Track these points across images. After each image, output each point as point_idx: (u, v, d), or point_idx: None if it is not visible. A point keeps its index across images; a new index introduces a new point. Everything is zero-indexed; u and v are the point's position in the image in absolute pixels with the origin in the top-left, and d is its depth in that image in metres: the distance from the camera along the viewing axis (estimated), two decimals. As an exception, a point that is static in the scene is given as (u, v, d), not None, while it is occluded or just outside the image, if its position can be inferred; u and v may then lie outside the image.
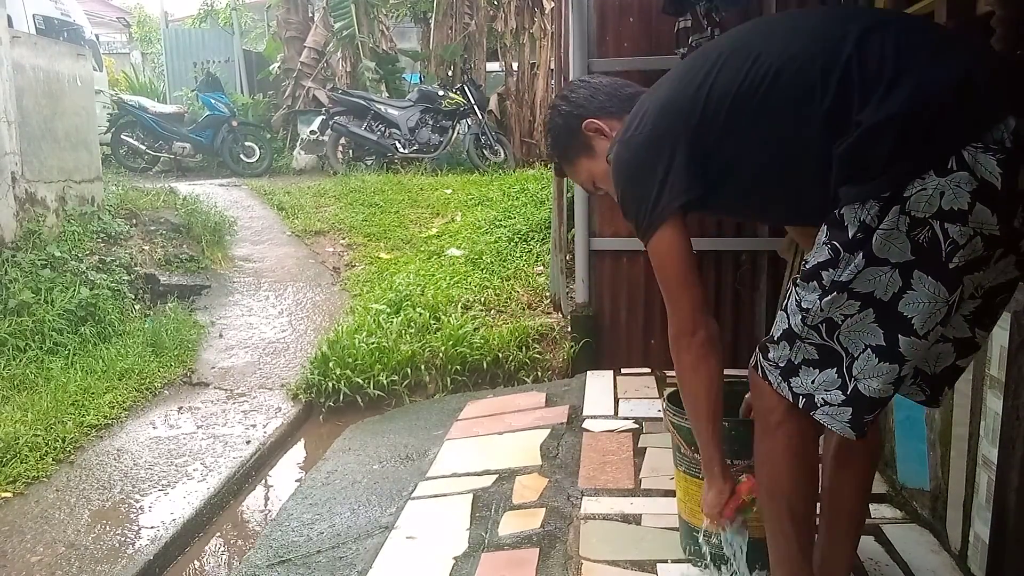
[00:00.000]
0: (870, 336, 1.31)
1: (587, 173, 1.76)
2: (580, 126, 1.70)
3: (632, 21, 3.90)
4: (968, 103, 1.22)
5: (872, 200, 1.25)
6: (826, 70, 1.32)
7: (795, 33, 1.44)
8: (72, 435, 3.27)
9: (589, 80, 1.80)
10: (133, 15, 18.33)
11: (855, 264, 1.28)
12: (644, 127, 1.52)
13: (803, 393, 1.38)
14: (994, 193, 1.20)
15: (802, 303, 1.36)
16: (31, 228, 4.78)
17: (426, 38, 11.11)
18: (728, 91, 1.41)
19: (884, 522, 2.30)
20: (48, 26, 9.14)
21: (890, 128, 1.23)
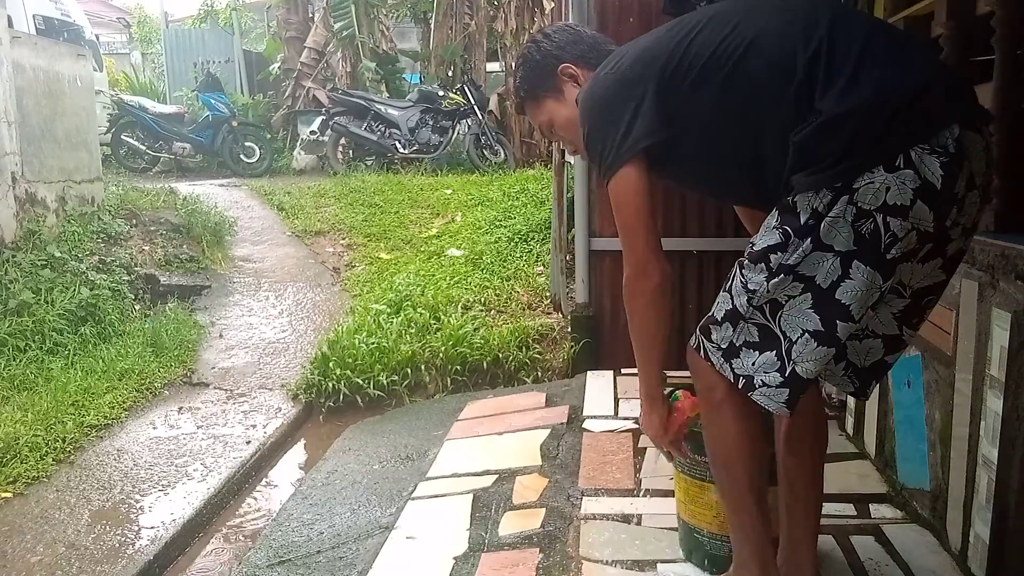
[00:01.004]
0: (807, 321, 1.38)
1: (549, 116, 1.75)
2: (556, 68, 1.70)
3: (632, 21, 3.90)
4: (921, 107, 1.29)
5: (825, 189, 1.32)
6: (799, 50, 1.36)
7: (776, 10, 1.47)
8: (72, 435, 3.27)
9: (574, 26, 1.80)
10: (133, 15, 18.33)
11: (803, 248, 1.35)
12: (619, 67, 1.55)
13: (743, 375, 1.45)
14: (934, 192, 1.29)
15: (748, 284, 1.42)
16: (31, 228, 4.78)
17: (426, 38, 11.11)
18: (704, 51, 1.45)
19: (884, 522, 2.30)
20: (48, 26, 9.14)
21: (847, 122, 1.30)
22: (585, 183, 3.99)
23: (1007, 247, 1.76)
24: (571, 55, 1.71)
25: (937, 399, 2.17)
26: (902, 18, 2.65)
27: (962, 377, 1.99)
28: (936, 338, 2.16)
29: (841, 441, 2.96)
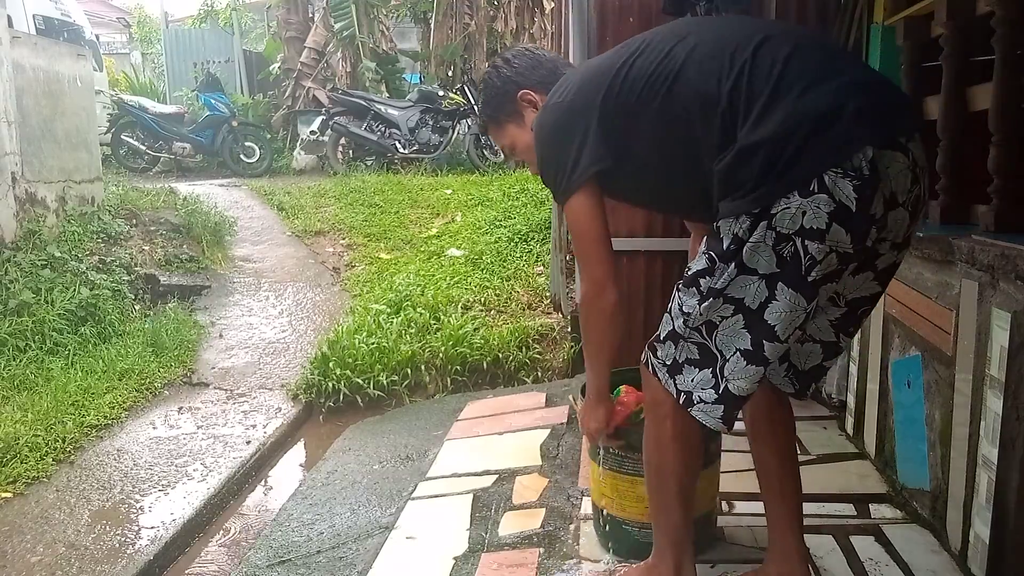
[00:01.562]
0: (740, 340, 1.44)
1: (511, 139, 1.81)
2: (516, 94, 1.75)
3: (632, 21, 3.90)
4: (832, 132, 1.31)
5: (744, 215, 1.36)
6: (721, 79, 1.39)
7: (709, 36, 1.50)
8: (72, 435, 3.26)
9: (534, 50, 1.83)
10: (133, 15, 18.32)
11: (728, 273, 1.41)
12: (566, 96, 1.60)
13: (684, 390, 1.52)
14: (849, 215, 1.32)
15: (684, 307, 1.48)
16: (31, 228, 4.78)
17: (426, 38, 11.12)
18: (639, 80, 1.49)
19: (884, 522, 2.30)
20: (48, 26, 9.14)
21: (759, 150, 1.33)
22: (585, 183, 3.98)
23: (1007, 247, 1.76)
24: (531, 81, 1.75)
25: (937, 399, 2.17)
26: (902, 18, 2.65)
27: (962, 377, 1.99)
28: (936, 338, 2.16)
29: (841, 441, 2.96)
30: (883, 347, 2.64)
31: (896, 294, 2.50)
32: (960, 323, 2.00)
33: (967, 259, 1.94)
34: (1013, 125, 2.00)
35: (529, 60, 1.78)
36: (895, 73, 2.79)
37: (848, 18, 3.19)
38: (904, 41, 2.66)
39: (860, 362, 2.89)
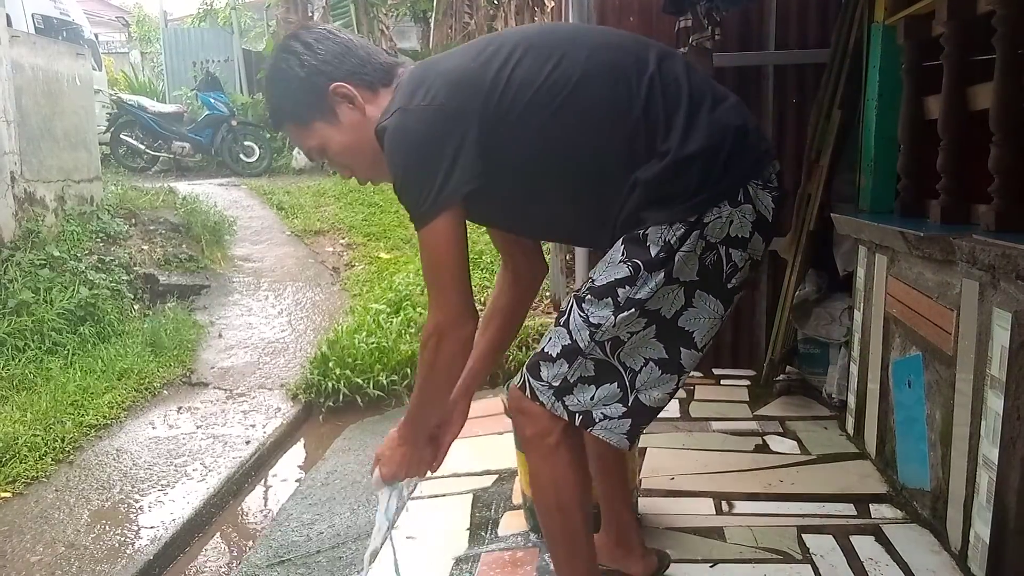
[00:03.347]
0: (651, 351, 1.40)
1: (320, 140, 1.49)
2: (326, 87, 1.43)
3: (632, 21, 3.90)
4: (748, 146, 1.38)
5: (679, 223, 1.34)
6: (632, 90, 1.36)
7: (602, 47, 1.42)
8: (71, 435, 3.26)
9: (338, 33, 1.49)
10: (132, 14, 18.31)
11: (655, 282, 1.35)
12: (434, 98, 1.36)
13: (579, 411, 1.41)
14: (766, 224, 1.39)
15: (591, 318, 1.38)
16: (30, 228, 4.77)
17: (426, 38, 11.11)
18: (528, 84, 1.36)
19: (884, 522, 2.30)
20: (47, 25, 9.13)
21: (695, 162, 1.33)
22: (585, 183, 3.98)
23: (1008, 247, 1.76)
24: (342, 71, 1.44)
25: (938, 399, 2.17)
26: (902, 17, 2.65)
27: (963, 377, 1.99)
28: (937, 338, 2.16)
29: (841, 441, 2.96)
30: (884, 347, 2.64)
31: (896, 294, 2.50)
32: (961, 323, 2.00)
33: (968, 259, 1.94)
34: (1013, 125, 2.00)
35: (336, 46, 1.46)
36: (895, 73, 2.79)
37: (848, 18, 3.19)
38: (904, 41, 2.66)
39: (860, 362, 2.89)
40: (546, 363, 1.43)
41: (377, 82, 1.46)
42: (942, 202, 2.40)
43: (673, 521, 2.34)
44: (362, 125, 1.45)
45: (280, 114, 1.51)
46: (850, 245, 3.09)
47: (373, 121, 1.43)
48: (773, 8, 3.75)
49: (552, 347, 1.43)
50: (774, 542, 2.20)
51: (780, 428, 3.11)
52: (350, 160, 1.51)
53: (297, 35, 1.48)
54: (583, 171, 1.39)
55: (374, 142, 1.42)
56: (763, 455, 2.85)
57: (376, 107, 1.44)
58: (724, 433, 3.07)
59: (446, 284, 1.38)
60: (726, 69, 3.74)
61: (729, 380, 3.78)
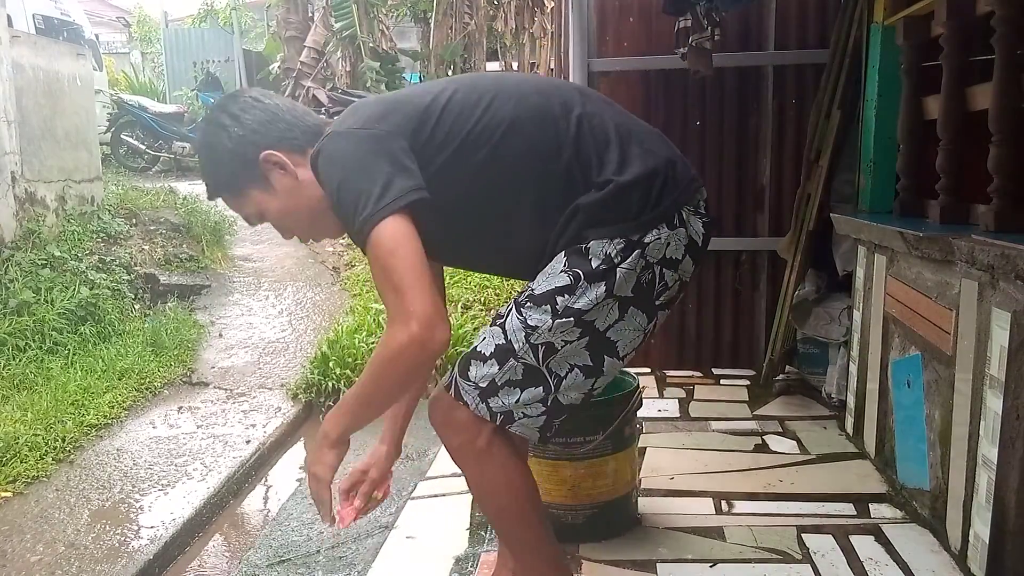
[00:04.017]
0: (578, 358, 1.43)
1: (257, 207, 1.50)
2: (256, 156, 1.43)
3: (632, 21, 3.90)
4: (679, 175, 1.46)
5: (620, 238, 1.39)
6: (560, 131, 1.42)
7: (531, 92, 1.48)
8: (72, 435, 3.26)
9: (263, 99, 1.48)
10: (133, 15, 18.30)
11: (596, 294, 1.39)
12: (366, 122, 1.39)
13: (502, 411, 1.43)
14: (697, 248, 1.48)
15: (529, 320, 1.40)
16: (31, 228, 4.78)
17: (426, 38, 11.10)
18: (460, 126, 1.40)
19: (884, 522, 2.30)
20: (48, 26, 9.14)
21: (637, 187, 1.40)
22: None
23: (1007, 247, 1.76)
24: (271, 138, 1.44)
25: (937, 399, 2.17)
26: (902, 17, 2.65)
27: (962, 377, 1.99)
28: (936, 338, 2.17)
29: (841, 441, 2.96)
30: (883, 347, 2.64)
31: (896, 294, 2.50)
32: (960, 323, 2.00)
33: (967, 259, 1.94)
34: (1013, 125, 2.00)
35: (263, 113, 1.46)
36: (895, 73, 2.79)
37: (848, 18, 3.19)
38: (904, 41, 2.66)
39: (860, 362, 2.89)
40: (476, 362, 1.44)
41: (307, 144, 1.46)
42: (941, 202, 2.40)
43: (673, 521, 2.34)
44: (296, 188, 1.46)
45: (214, 185, 1.51)
46: (849, 245, 3.09)
47: (307, 183, 1.45)
48: (773, 8, 3.76)
49: (485, 346, 1.44)
50: (774, 542, 2.21)
51: (780, 428, 3.11)
52: (289, 223, 1.53)
53: (224, 106, 1.49)
54: (520, 208, 1.43)
55: (311, 202, 1.46)
56: (763, 455, 2.85)
57: (307, 169, 1.45)
58: (724, 433, 3.07)
59: (406, 286, 1.27)
60: (726, 69, 3.74)
61: (729, 380, 3.78)
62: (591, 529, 2.21)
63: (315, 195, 1.45)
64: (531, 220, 1.44)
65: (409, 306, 1.27)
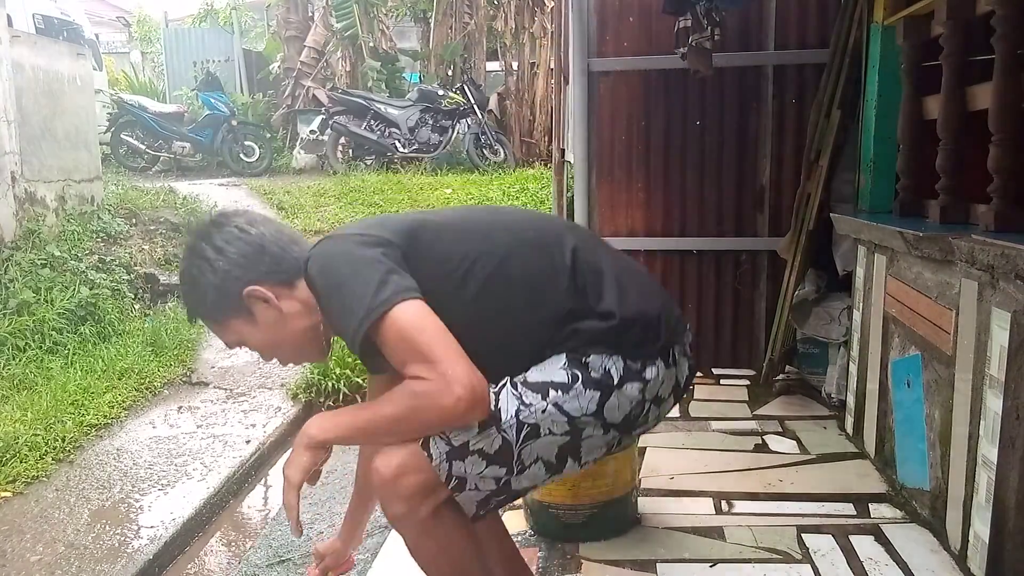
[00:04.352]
0: (548, 453, 1.39)
1: (239, 336, 1.49)
2: (241, 292, 1.41)
3: (632, 21, 3.90)
4: (673, 313, 1.50)
5: (620, 358, 1.38)
6: (557, 264, 1.42)
7: (524, 226, 1.51)
8: (72, 435, 3.26)
9: (249, 230, 1.45)
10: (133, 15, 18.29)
11: (587, 401, 1.36)
12: (360, 231, 1.40)
13: (460, 476, 1.36)
14: (678, 388, 1.50)
15: (524, 398, 1.36)
16: (31, 227, 4.78)
17: (426, 38, 11.10)
18: (454, 254, 1.40)
19: (884, 522, 2.30)
20: (48, 25, 9.13)
21: (639, 322, 1.41)
22: (585, 183, 3.99)
23: (1007, 247, 1.76)
24: (257, 273, 1.42)
25: (937, 399, 2.17)
26: (902, 17, 2.65)
27: (962, 377, 1.99)
28: (936, 338, 2.17)
29: (841, 441, 2.96)
30: (883, 347, 2.64)
31: (896, 294, 2.50)
32: (960, 323, 2.00)
33: (967, 259, 1.94)
34: (1013, 125, 2.00)
35: (248, 246, 1.43)
36: (895, 73, 2.79)
37: (848, 18, 3.19)
38: (904, 41, 2.66)
39: (860, 362, 2.89)
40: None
41: (294, 275, 1.45)
42: (941, 202, 2.40)
43: (673, 521, 2.34)
44: (280, 320, 1.46)
45: (195, 313, 1.51)
46: (849, 245, 3.09)
47: (292, 315, 1.45)
48: (773, 8, 3.76)
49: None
50: (774, 542, 2.21)
51: (779, 428, 3.11)
52: (270, 352, 1.52)
53: (208, 235, 1.45)
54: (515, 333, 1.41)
55: (294, 333, 1.46)
56: (763, 455, 2.85)
57: (294, 301, 1.45)
58: (724, 433, 3.07)
59: (445, 355, 1.24)
60: (726, 69, 3.74)
61: (729, 380, 3.78)
62: (591, 529, 2.21)
63: (298, 326, 1.46)
64: (526, 345, 1.40)
65: (450, 371, 1.23)
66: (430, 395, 1.25)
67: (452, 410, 1.24)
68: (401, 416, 1.29)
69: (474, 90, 9.00)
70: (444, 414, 1.26)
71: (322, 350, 1.54)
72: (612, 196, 3.99)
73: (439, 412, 1.25)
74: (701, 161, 3.88)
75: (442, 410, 1.25)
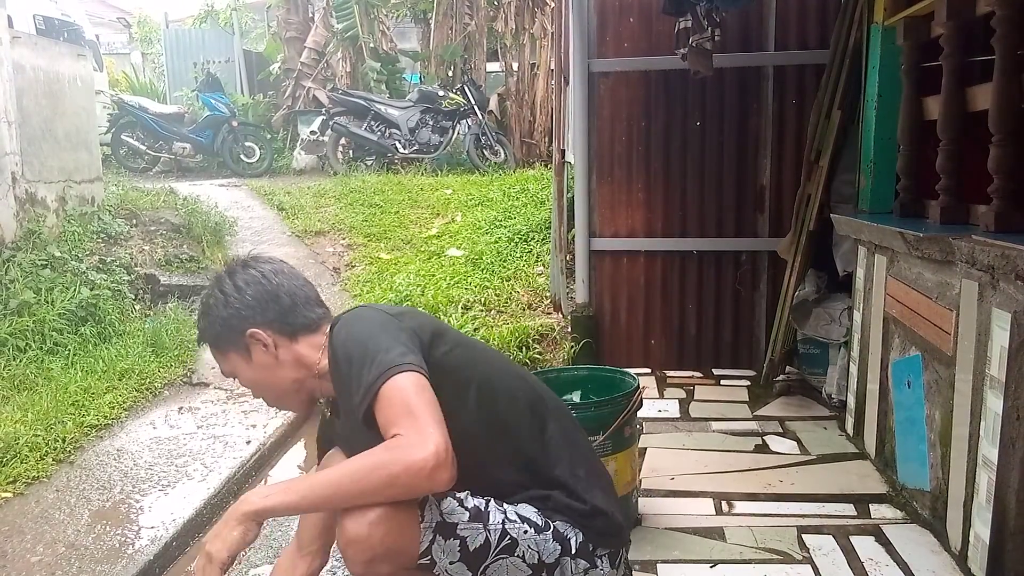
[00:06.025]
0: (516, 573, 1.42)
1: (233, 367, 1.60)
2: (244, 331, 1.53)
3: (632, 21, 3.90)
4: (626, 516, 1.60)
5: (581, 532, 1.46)
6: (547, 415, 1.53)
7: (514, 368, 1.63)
8: (72, 435, 3.26)
9: (272, 278, 1.57)
10: (133, 15, 18.30)
11: (551, 552, 1.42)
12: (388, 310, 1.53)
13: (433, 557, 1.36)
14: None
15: (508, 515, 1.43)
16: (31, 228, 4.77)
17: (426, 38, 11.10)
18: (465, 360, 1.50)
19: (884, 522, 2.30)
20: (48, 26, 9.14)
21: (601, 515, 1.48)
22: (585, 183, 3.99)
23: (1007, 247, 1.76)
24: (263, 319, 1.53)
25: (937, 399, 2.17)
26: (902, 18, 2.65)
27: (962, 377, 1.99)
28: (936, 338, 2.16)
29: (841, 441, 2.96)
30: (883, 347, 2.64)
31: (896, 294, 2.50)
32: (960, 323, 2.00)
33: (967, 259, 1.94)
34: (1013, 125, 2.00)
35: (264, 292, 1.54)
36: (895, 73, 2.79)
37: (848, 18, 3.19)
38: (904, 41, 2.66)
39: (860, 362, 2.89)
40: (454, 501, 1.40)
41: (299, 330, 1.56)
42: (941, 203, 2.40)
43: (673, 521, 2.34)
44: (273, 367, 1.55)
45: (202, 336, 1.62)
46: (850, 245, 3.09)
47: (285, 365, 1.55)
48: (773, 9, 3.76)
49: (468, 500, 1.42)
50: (774, 542, 2.21)
51: (780, 428, 3.11)
52: (257, 391, 1.62)
53: (233, 273, 1.58)
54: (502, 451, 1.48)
55: (283, 382, 1.56)
56: (763, 455, 2.85)
57: (291, 353, 1.55)
58: (724, 433, 3.07)
59: (430, 421, 1.28)
60: (726, 69, 3.74)
61: (729, 380, 3.78)
62: None
63: (287, 376, 1.56)
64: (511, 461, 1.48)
65: (428, 433, 1.27)
66: (402, 448, 1.26)
67: (420, 465, 1.24)
68: (367, 469, 1.28)
69: (474, 91, 8.99)
70: (411, 469, 1.25)
71: (304, 404, 1.65)
72: (612, 196, 3.99)
73: (406, 466, 1.25)
74: (701, 162, 3.88)
75: (410, 464, 1.25)
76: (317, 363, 1.55)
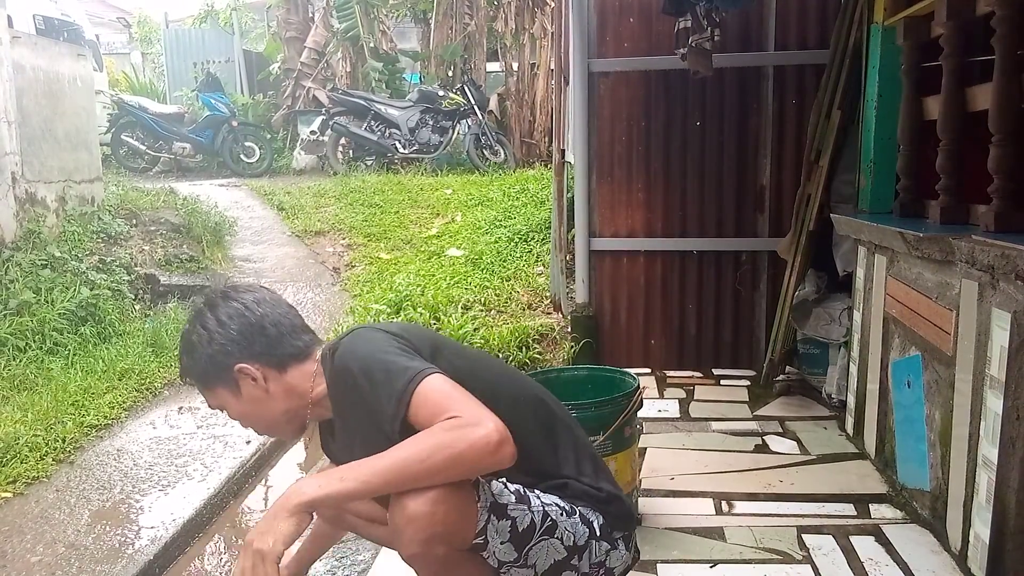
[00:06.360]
0: (543, 563, 1.44)
1: (221, 402, 1.55)
2: (232, 367, 1.48)
3: (632, 21, 3.90)
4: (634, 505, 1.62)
5: (603, 516, 1.51)
6: (550, 416, 1.55)
7: (520, 376, 1.65)
8: (72, 435, 3.26)
9: (255, 309, 1.51)
10: (133, 15, 18.30)
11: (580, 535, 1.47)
12: (387, 328, 1.49)
13: (486, 537, 1.36)
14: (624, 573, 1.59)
15: (544, 498, 1.46)
16: (31, 228, 4.77)
17: (426, 38, 11.10)
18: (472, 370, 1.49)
19: (884, 522, 2.31)
20: (48, 26, 9.14)
21: (615, 500, 1.53)
22: (585, 183, 3.99)
23: (1007, 247, 1.76)
24: (250, 353, 1.48)
25: (937, 399, 2.17)
26: (902, 18, 2.65)
27: (962, 377, 1.99)
28: (936, 338, 2.17)
29: (841, 441, 2.96)
30: (883, 347, 2.64)
31: (896, 294, 2.50)
32: (960, 323, 2.00)
33: (967, 259, 1.94)
34: (1013, 125, 2.00)
35: (248, 325, 1.49)
36: (895, 73, 2.79)
37: (848, 18, 3.19)
38: (904, 41, 2.66)
39: (860, 362, 2.89)
40: (501, 484, 1.41)
41: (288, 360, 1.51)
42: (941, 202, 2.40)
43: (673, 521, 2.34)
44: (262, 400, 1.51)
45: (187, 374, 1.57)
46: (850, 245, 3.09)
47: (275, 396, 1.51)
48: (773, 9, 3.76)
49: (510, 484, 1.44)
50: (774, 542, 2.21)
51: (780, 428, 3.11)
52: (246, 422, 1.58)
53: (215, 306, 1.52)
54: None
55: (273, 413, 1.52)
56: (763, 455, 2.85)
57: (281, 384, 1.51)
58: (724, 433, 3.07)
59: (470, 407, 1.29)
60: (726, 69, 3.75)
61: (729, 380, 3.78)
62: None
63: (279, 407, 1.52)
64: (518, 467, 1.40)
65: (484, 412, 1.28)
66: (462, 427, 1.26)
67: (486, 441, 1.24)
68: (431, 449, 1.25)
69: (474, 91, 9.00)
70: (476, 446, 1.24)
71: (295, 431, 1.60)
72: (612, 196, 3.99)
73: (471, 443, 1.24)
74: (701, 162, 3.88)
75: (475, 441, 1.24)
76: (310, 391, 1.51)
